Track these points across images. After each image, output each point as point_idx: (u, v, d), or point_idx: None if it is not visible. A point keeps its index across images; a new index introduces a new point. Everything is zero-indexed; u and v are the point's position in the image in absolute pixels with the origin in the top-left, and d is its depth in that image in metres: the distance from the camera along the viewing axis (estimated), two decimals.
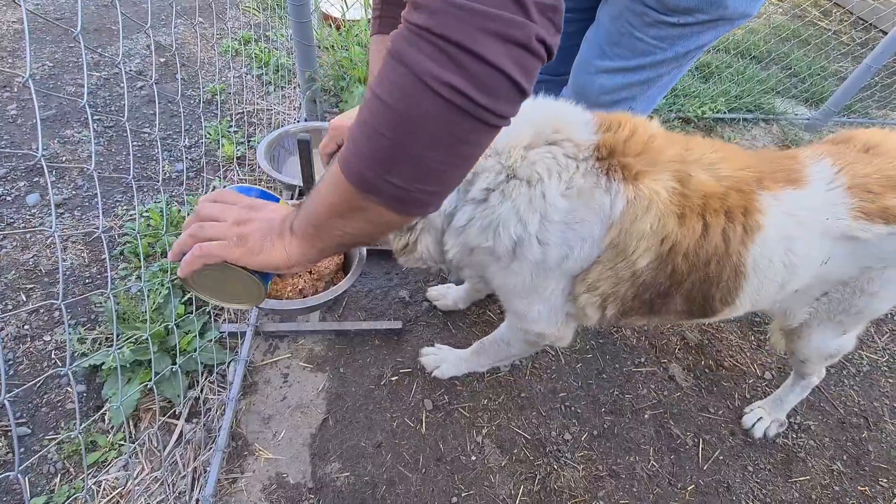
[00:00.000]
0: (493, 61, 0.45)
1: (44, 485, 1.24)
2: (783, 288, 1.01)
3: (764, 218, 0.90)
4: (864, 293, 1.06)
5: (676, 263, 0.89)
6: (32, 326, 1.51)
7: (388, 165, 0.52)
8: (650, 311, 1.01)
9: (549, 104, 0.92)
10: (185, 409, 1.39)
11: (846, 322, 1.14)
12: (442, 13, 0.44)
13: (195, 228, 0.67)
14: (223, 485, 1.28)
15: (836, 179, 0.94)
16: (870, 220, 0.92)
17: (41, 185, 1.91)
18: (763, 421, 1.50)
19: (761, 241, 0.91)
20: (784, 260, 0.94)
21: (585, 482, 1.38)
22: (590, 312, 1.00)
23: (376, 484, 1.32)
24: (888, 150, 0.97)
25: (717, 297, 0.96)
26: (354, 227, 0.61)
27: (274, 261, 0.66)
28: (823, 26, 4.17)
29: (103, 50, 2.66)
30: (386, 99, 0.49)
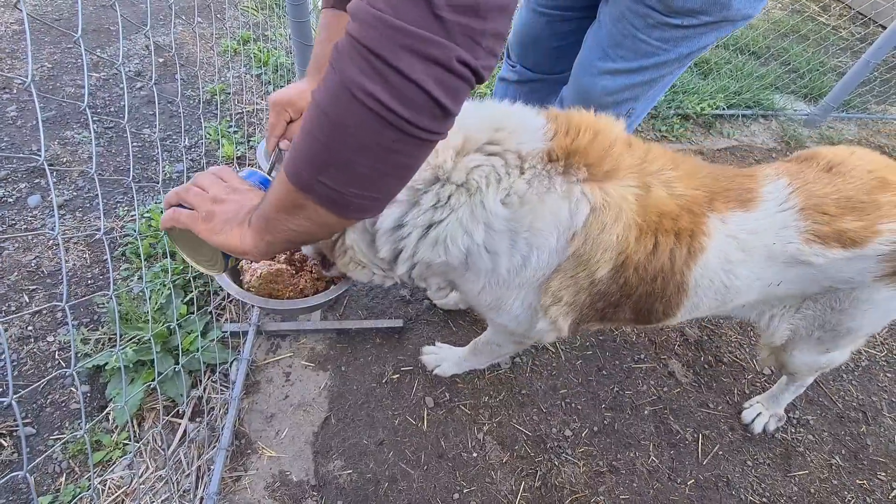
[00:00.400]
0: (412, 77, 0.48)
1: (49, 484, 1.25)
2: (724, 304, 1.00)
3: (708, 241, 0.89)
4: (835, 310, 1.04)
5: (628, 276, 0.89)
6: (36, 327, 1.52)
7: (321, 167, 0.56)
8: (601, 319, 1.01)
9: (492, 109, 0.87)
10: (189, 409, 1.40)
11: (825, 339, 1.12)
12: (370, 27, 0.47)
13: (183, 191, 0.75)
14: (227, 483, 1.29)
15: (788, 200, 0.91)
16: (824, 243, 0.89)
17: (42, 186, 1.92)
18: (762, 416, 1.51)
19: (703, 263, 0.90)
20: (725, 281, 0.93)
21: (586, 478, 1.39)
22: (561, 324, 0.98)
23: (378, 481, 1.34)
24: (850, 168, 0.93)
25: (660, 310, 0.97)
26: (297, 225, 0.64)
27: (229, 244, 0.71)
28: (822, 21, 4.17)
29: (102, 51, 2.66)
30: (320, 103, 0.52)
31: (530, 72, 1.49)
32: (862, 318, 1.04)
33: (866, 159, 0.96)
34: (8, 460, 1.26)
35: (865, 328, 1.08)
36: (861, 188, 0.90)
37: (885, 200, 0.89)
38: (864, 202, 0.89)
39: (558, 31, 1.34)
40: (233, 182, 0.77)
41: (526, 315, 0.98)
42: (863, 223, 0.88)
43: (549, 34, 1.35)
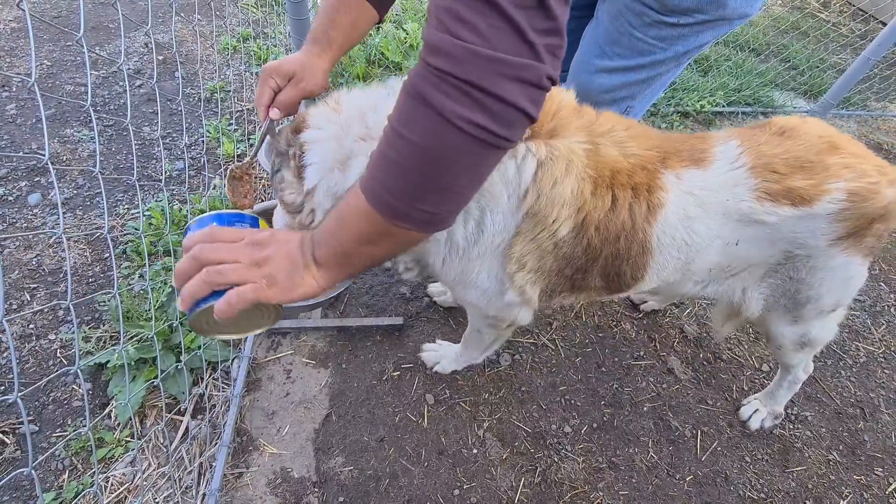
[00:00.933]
0: (511, 101, 0.53)
1: (52, 481, 1.26)
2: (689, 265, 1.00)
3: (666, 195, 0.90)
4: (793, 280, 1.05)
5: (590, 237, 0.89)
6: (38, 326, 1.53)
7: (420, 196, 0.59)
8: (573, 288, 1.02)
9: None
10: (191, 406, 1.41)
11: (791, 309, 1.12)
12: (465, 61, 0.51)
13: (211, 274, 0.64)
14: (229, 479, 1.30)
15: (739, 159, 0.93)
16: (774, 201, 0.91)
17: (42, 184, 1.92)
18: (759, 413, 1.52)
19: (663, 219, 0.91)
20: (686, 238, 0.94)
21: (585, 474, 1.40)
22: (529, 292, 0.98)
23: (379, 477, 1.35)
24: (801, 133, 0.95)
25: (629, 273, 0.98)
26: (383, 250, 0.67)
27: (308, 292, 0.68)
28: (822, 18, 4.16)
29: (101, 48, 2.66)
30: (413, 138, 0.55)
31: None
32: (820, 287, 1.05)
33: (817, 127, 0.97)
34: (11, 458, 1.27)
35: (825, 298, 1.07)
36: (810, 150, 0.92)
37: (834, 161, 0.90)
38: (812, 162, 0.91)
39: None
40: (242, 235, 0.69)
41: (493, 288, 0.99)
42: (811, 181, 0.90)
43: None
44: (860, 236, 0.96)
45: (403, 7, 3.03)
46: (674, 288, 1.12)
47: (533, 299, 1.01)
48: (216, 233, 0.69)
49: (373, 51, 2.61)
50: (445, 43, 0.51)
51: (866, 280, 2.01)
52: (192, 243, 0.67)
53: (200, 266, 0.65)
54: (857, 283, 1.09)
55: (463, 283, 1.00)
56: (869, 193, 0.90)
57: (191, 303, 0.65)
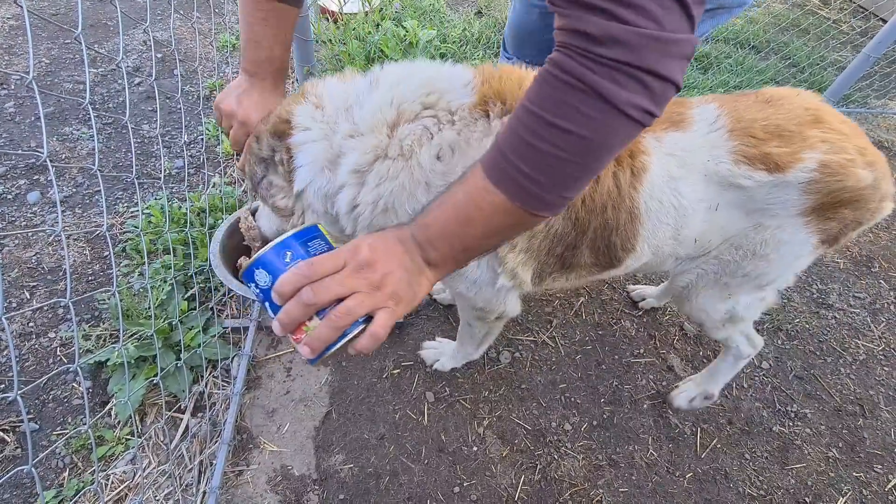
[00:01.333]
0: (671, 78, 0.53)
1: (52, 479, 1.26)
2: (678, 233, 1.00)
3: (649, 158, 0.90)
4: (756, 256, 1.04)
5: (577, 210, 0.90)
6: (37, 324, 1.53)
7: (571, 186, 0.59)
8: (563, 267, 1.02)
9: (419, 73, 0.89)
10: (191, 404, 1.41)
11: (731, 285, 1.11)
12: (643, 48, 0.50)
13: (340, 318, 0.59)
14: (229, 477, 1.30)
15: (717, 121, 0.92)
16: (751, 165, 0.91)
17: (41, 183, 1.92)
18: (689, 392, 1.48)
19: (649, 183, 0.91)
20: (673, 202, 0.94)
21: (585, 471, 1.40)
22: (522, 274, 0.99)
23: (380, 475, 1.35)
24: (788, 103, 0.94)
25: (619, 245, 0.97)
26: (506, 238, 0.70)
27: (425, 293, 0.68)
28: (823, 15, 4.15)
29: (100, 46, 2.65)
30: (580, 131, 0.54)
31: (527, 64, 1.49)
32: (777, 262, 1.04)
33: (808, 100, 0.95)
34: (11, 456, 1.27)
35: (770, 273, 1.07)
36: (792, 119, 0.91)
37: (813, 133, 0.90)
38: (791, 131, 0.90)
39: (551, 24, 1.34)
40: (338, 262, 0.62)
41: (485, 275, 0.99)
42: (787, 149, 0.89)
43: (543, 27, 1.36)
44: (825, 216, 0.95)
45: (403, 4, 3.02)
46: (658, 265, 1.11)
47: (525, 281, 1.01)
48: (316, 268, 0.61)
49: (372, 48, 2.60)
50: (619, 32, 0.50)
51: (866, 278, 2.03)
52: (290, 287, 0.60)
53: (316, 310, 0.60)
54: (801, 266, 1.09)
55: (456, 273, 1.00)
56: (840, 169, 0.89)
57: (322, 348, 0.61)
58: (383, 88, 0.87)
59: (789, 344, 1.77)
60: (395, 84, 0.87)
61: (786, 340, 1.78)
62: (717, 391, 1.45)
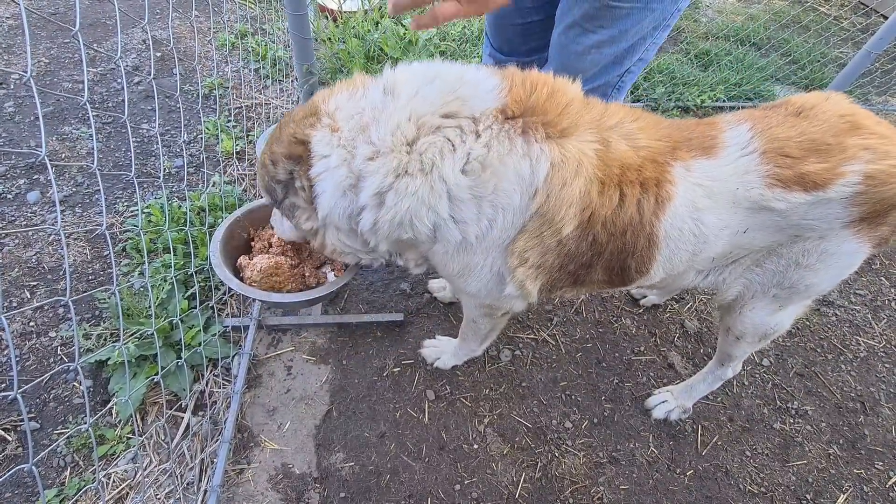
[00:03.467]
0: None
1: (54, 478, 1.26)
2: (695, 256, 0.98)
3: (675, 189, 0.88)
4: (800, 266, 1.00)
5: (597, 233, 0.89)
6: (38, 323, 1.53)
7: None
8: (575, 283, 1.01)
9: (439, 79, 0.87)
10: (191, 403, 1.41)
11: (781, 297, 1.07)
12: None
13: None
14: (230, 475, 1.31)
15: (750, 145, 0.88)
16: (785, 188, 0.86)
17: (41, 182, 1.92)
18: (667, 404, 1.50)
19: (672, 212, 0.90)
20: (694, 230, 0.92)
21: (586, 469, 1.40)
22: (529, 287, 0.98)
23: (380, 473, 1.35)
24: (820, 112, 0.89)
25: (633, 267, 0.96)
26: None
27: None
28: (824, 12, 4.14)
29: (99, 45, 2.65)
30: None
31: (502, 54, 1.50)
32: (825, 273, 1.00)
33: (839, 106, 0.91)
34: (13, 455, 1.27)
35: (824, 284, 1.04)
36: (828, 131, 0.87)
37: (852, 143, 0.85)
38: (829, 144, 0.85)
39: (522, 8, 1.34)
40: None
41: (494, 281, 0.99)
42: (826, 165, 0.85)
43: (513, 11, 1.36)
44: (876, 223, 0.91)
45: None
46: (677, 280, 1.10)
47: (532, 294, 1.01)
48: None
49: (371, 46, 2.60)
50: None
51: (867, 274, 2.03)
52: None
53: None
54: (851, 272, 1.05)
55: (464, 276, 1.00)
56: (889, 177, 0.84)
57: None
58: (401, 101, 0.85)
59: (790, 341, 1.77)
60: (413, 95, 0.85)
61: (786, 338, 1.77)
62: (692, 405, 1.49)
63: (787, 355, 1.73)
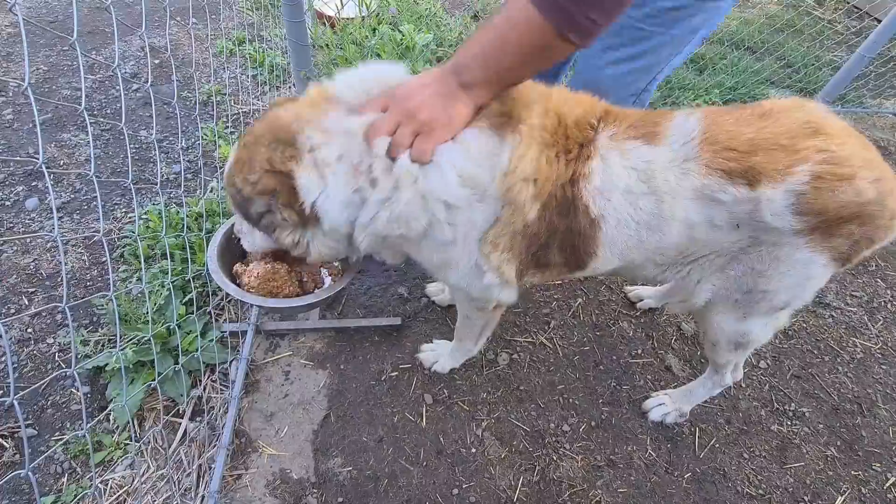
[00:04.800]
0: None
1: (51, 484, 1.26)
2: (643, 244, 0.97)
3: (610, 170, 0.90)
4: (755, 272, 0.99)
5: (552, 215, 0.93)
6: (35, 329, 1.53)
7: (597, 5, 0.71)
8: (538, 265, 1.04)
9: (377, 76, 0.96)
10: (189, 408, 1.41)
11: (742, 303, 1.06)
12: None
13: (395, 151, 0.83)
14: (228, 481, 1.31)
15: (694, 134, 0.87)
16: (728, 179, 0.85)
17: (39, 189, 1.93)
18: (664, 407, 1.50)
19: (607, 193, 0.91)
20: (633, 215, 0.93)
21: (584, 472, 1.40)
22: (506, 271, 1.01)
23: (378, 477, 1.35)
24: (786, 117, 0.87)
25: (581, 249, 0.98)
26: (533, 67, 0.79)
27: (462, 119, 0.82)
28: (818, 15, 4.17)
29: (97, 52, 2.66)
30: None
31: None
32: (779, 281, 0.98)
33: (813, 113, 0.88)
34: (10, 462, 1.27)
35: (780, 294, 1.02)
36: (786, 133, 0.85)
37: (808, 144, 0.83)
38: (782, 145, 0.84)
39: None
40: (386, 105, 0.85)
41: (473, 271, 1.02)
42: (773, 162, 0.83)
43: None
44: (828, 234, 0.88)
45: (399, 8, 3.04)
46: (637, 270, 1.11)
47: (511, 278, 1.03)
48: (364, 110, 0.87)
49: (369, 53, 2.61)
50: None
51: (863, 276, 2.03)
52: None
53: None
54: (816, 286, 1.02)
55: (445, 267, 1.04)
56: (839, 180, 0.82)
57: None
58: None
59: (787, 343, 1.77)
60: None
61: (783, 339, 1.78)
62: (689, 409, 1.49)
63: (783, 357, 1.73)
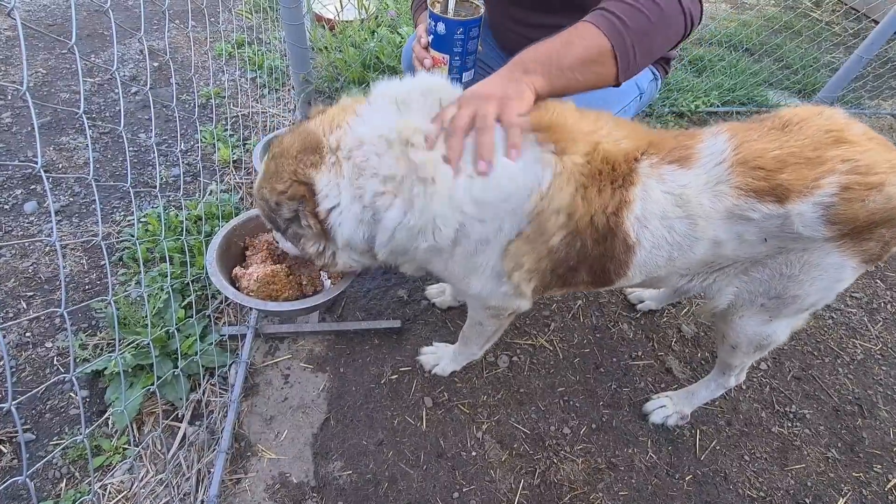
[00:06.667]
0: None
1: (50, 489, 1.25)
2: (673, 262, 0.99)
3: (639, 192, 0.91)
4: (784, 276, 0.99)
5: (585, 241, 0.94)
6: (34, 334, 1.53)
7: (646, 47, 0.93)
8: (563, 284, 1.06)
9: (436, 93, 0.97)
10: (188, 412, 1.41)
11: (769, 306, 1.07)
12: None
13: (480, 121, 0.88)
14: (227, 486, 1.30)
15: (724, 156, 0.89)
16: (758, 198, 0.86)
17: (38, 192, 1.92)
18: (665, 409, 1.49)
19: (638, 219, 0.92)
20: (667, 237, 0.94)
21: (585, 475, 1.40)
22: (524, 289, 1.03)
23: (378, 481, 1.34)
24: (806, 127, 0.89)
25: (612, 270, 1.00)
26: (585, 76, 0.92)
27: (529, 95, 0.90)
28: (815, 17, 4.18)
29: (96, 56, 2.66)
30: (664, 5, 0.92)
31: None
32: (810, 285, 0.99)
33: (832, 120, 0.89)
34: (8, 466, 1.27)
35: (811, 297, 1.03)
36: (809, 145, 0.86)
37: (832, 155, 0.84)
38: (808, 158, 0.85)
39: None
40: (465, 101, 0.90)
41: (493, 282, 1.03)
42: (801, 177, 0.84)
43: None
44: (860, 238, 0.89)
45: (399, 11, 3.04)
46: (661, 282, 1.13)
47: (527, 294, 1.05)
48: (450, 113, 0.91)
49: (368, 55, 2.62)
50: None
51: (863, 277, 2.03)
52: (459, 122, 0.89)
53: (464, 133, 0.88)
54: (844, 287, 1.03)
55: (466, 278, 1.04)
56: (868, 189, 0.82)
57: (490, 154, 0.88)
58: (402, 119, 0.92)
59: (787, 345, 1.77)
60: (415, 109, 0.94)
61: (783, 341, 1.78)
62: (690, 412, 1.49)
63: (784, 359, 1.73)
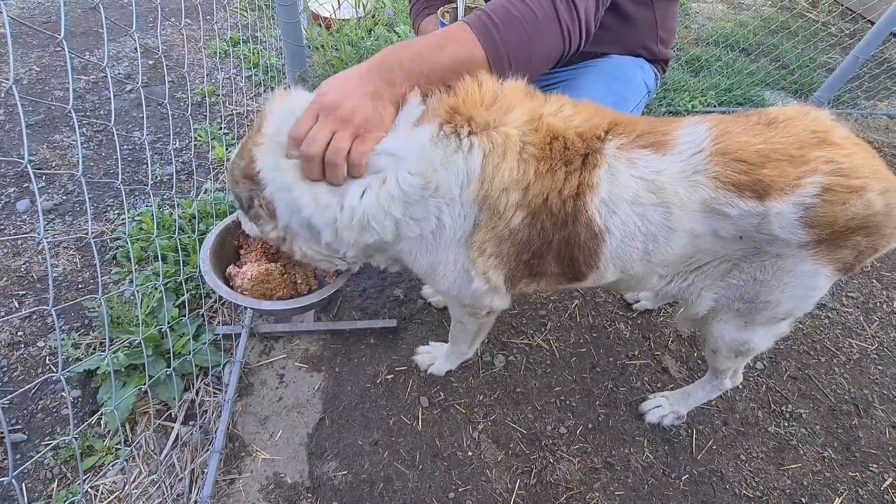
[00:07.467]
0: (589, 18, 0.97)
1: (41, 490, 1.24)
2: (649, 255, 0.94)
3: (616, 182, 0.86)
4: (757, 281, 0.96)
5: (543, 221, 0.89)
6: (26, 332, 1.51)
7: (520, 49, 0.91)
8: (532, 274, 1.00)
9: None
10: (181, 412, 1.39)
11: (744, 312, 1.04)
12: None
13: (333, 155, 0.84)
14: (221, 486, 1.29)
15: (704, 145, 0.84)
16: (737, 192, 0.82)
17: (31, 191, 1.90)
18: (661, 409, 1.49)
19: (612, 204, 0.87)
20: (640, 227, 0.89)
21: (581, 474, 1.39)
22: (493, 277, 0.98)
23: (373, 481, 1.33)
24: (793, 125, 0.85)
25: (581, 260, 0.94)
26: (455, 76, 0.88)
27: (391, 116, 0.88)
28: (812, 17, 4.19)
29: (90, 53, 2.64)
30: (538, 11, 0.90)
31: None
32: (782, 292, 0.96)
33: (819, 121, 0.87)
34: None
35: (783, 304, 0.99)
36: (794, 143, 0.82)
37: (817, 155, 0.81)
38: (791, 156, 0.81)
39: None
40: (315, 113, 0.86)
41: (461, 276, 1.00)
42: (783, 174, 0.81)
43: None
44: (835, 245, 0.87)
45: (396, 10, 3.03)
46: (639, 282, 1.07)
47: (499, 285, 1.01)
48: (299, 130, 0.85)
49: (365, 54, 2.61)
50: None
51: (858, 277, 2.04)
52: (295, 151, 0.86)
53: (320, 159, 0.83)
54: (818, 296, 1.00)
55: (433, 273, 1.02)
56: (848, 192, 0.80)
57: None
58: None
59: (783, 344, 1.77)
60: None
61: (780, 341, 1.77)
62: (686, 412, 1.48)
63: (780, 358, 1.73)
